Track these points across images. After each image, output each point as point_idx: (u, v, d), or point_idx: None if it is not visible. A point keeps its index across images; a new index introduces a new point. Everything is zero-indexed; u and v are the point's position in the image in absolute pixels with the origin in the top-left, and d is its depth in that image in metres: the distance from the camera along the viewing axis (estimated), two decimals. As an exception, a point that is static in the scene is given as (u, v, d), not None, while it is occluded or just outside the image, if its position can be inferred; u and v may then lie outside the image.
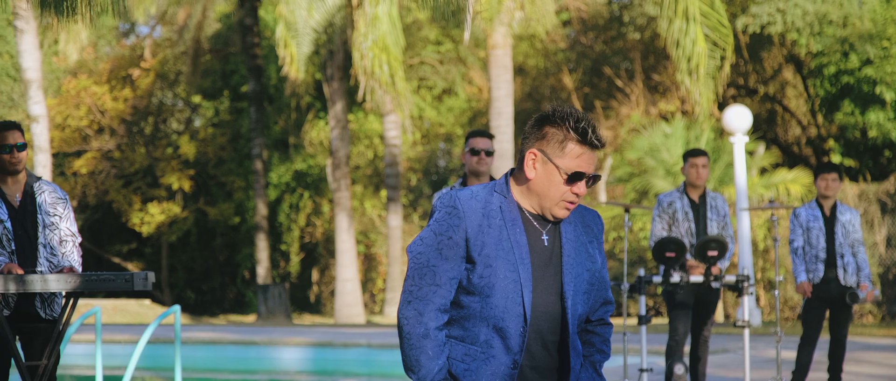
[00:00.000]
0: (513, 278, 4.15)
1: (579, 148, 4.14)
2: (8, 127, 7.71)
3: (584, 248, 4.29)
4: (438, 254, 4.18)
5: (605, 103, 30.14)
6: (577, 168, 4.14)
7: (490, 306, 4.16)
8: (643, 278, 10.26)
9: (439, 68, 33.33)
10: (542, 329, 4.21)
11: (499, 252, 4.15)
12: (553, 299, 4.22)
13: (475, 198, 4.21)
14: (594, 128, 4.16)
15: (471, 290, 4.19)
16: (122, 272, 7.35)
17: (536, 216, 4.24)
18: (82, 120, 34.06)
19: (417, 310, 4.19)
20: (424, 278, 4.19)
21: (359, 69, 22.76)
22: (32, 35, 25.70)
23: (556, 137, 4.16)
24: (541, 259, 4.21)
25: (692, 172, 10.59)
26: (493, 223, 4.18)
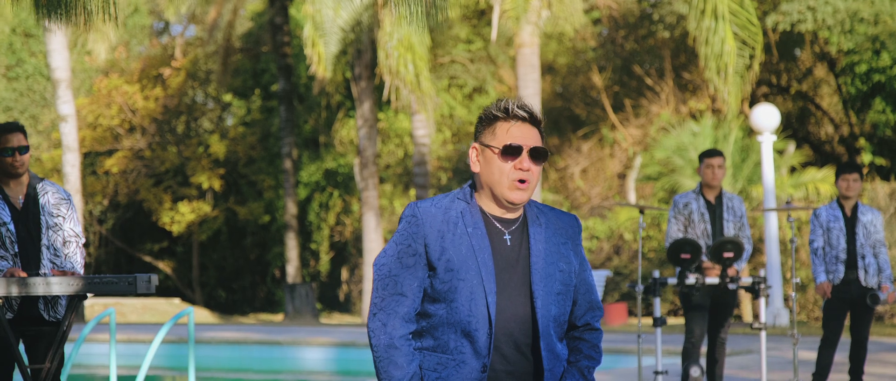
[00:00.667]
0: (476, 280, 4.13)
1: (506, 123, 4.17)
2: (9, 130, 7.66)
3: (555, 249, 4.24)
4: (400, 264, 4.19)
5: (634, 102, 29.99)
6: (508, 141, 4.15)
7: (455, 311, 4.13)
8: (658, 279, 10.18)
9: (470, 67, 33.24)
10: (513, 332, 4.16)
11: (461, 256, 4.14)
12: (522, 301, 4.17)
13: (435, 206, 4.22)
14: (519, 103, 4.21)
15: (436, 297, 4.17)
16: (124, 275, 7.33)
17: (499, 219, 4.22)
18: (113, 119, 34.19)
19: (382, 321, 4.19)
20: (387, 288, 4.20)
21: (384, 68, 22.73)
22: (61, 34, 25.82)
23: (488, 124, 4.22)
24: (506, 261, 4.18)
25: (708, 172, 10.50)
26: (455, 230, 4.17)
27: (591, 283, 4.39)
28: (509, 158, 4.16)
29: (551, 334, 4.21)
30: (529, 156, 4.17)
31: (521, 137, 4.17)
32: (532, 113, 4.21)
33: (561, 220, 4.32)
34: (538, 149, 4.19)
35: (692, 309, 10.39)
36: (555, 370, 4.23)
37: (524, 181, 4.16)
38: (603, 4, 30.50)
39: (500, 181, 4.16)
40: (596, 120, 30.46)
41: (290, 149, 30.82)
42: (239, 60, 35.24)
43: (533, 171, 4.17)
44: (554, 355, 4.23)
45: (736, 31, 22.60)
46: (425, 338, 4.22)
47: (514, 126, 4.18)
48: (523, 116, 4.19)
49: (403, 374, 4.15)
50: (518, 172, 4.15)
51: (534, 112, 4.22)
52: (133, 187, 34.32)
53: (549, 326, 4.19)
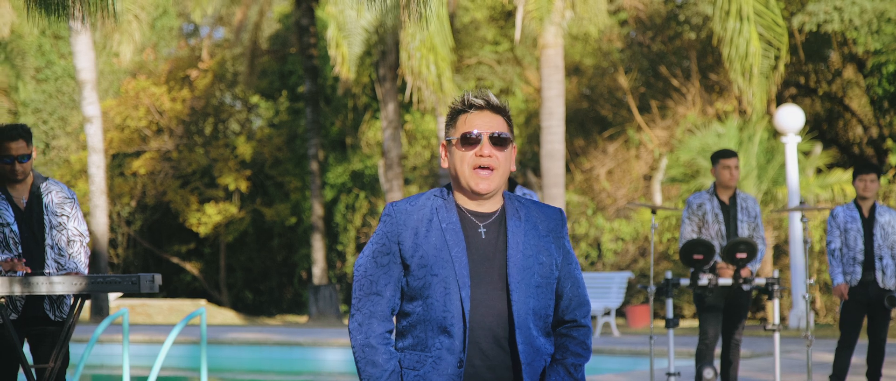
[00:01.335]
0: (449, 275, 4.12)
1: (463, 115, 4.21)
2: (12, 136, 7.60)
3: (534, 242, 4.22)
4: (375, 264, 4.21)
5: (660, 103, 29.86)
6: (465, 130, 4.18)
7: (431, 308, 4.13)
8: (670, 280, 10.12)
9: (497, 68, 33.19)
10: (491, 326, 4.15)
11: (434, 252, 4.14)
12: (498, 294, 4.16)
13: (411, 204, 4.24)
14: (476, 93, 4.23)
15: (412, 295, 4.18)
16: (128, 275, 7.32)
17: (474, 213, 4.22)
18: (141, 121, 34.31)
19: (359, 322, 4.21)
20: (363, 289, 4.22)
21: (406, 69, 22.73)
22: (87, 36, 25.93)
23: (451, 120, 4.27)
24: (481, 254, 4.17)
25: (724, 173, 10.43)
26: (430, 226, 4.18)
27: (578, 277, 4.35)
28: (469, 146, 4.17)
29: (530, 327, 4.17)
30: (490, 142, 4.17)
31: (481, 125, 4.18)
32: (489, 101, 4.22)
33: (543, 213, 4.30)
34: (498, 135, 4.18)
35: (706, 310, 10.33)
36: (534, 365, 4.20)
37: (488, 168, 4.16)
38: (629, 6, 30.40)
39: (463, 171, 4.18)
40: (622, 121, 30.36)
41: (317, 150, 30.84)
42: (266, 62, 35.31)
43: (496, 157, 4.18)
44: (533, 348, 4.19)
45: (761, 32, 22.51)
46: (406, 337, 4.22)
47: (471, 116, 4.20)
48: (480, 105, 4.21)
49: (381, 372, 4.15)
50: (479, 159, 4.16)
51: (491, 100, 4.22)
52: (160, 189, 34.42)
53: (527, 319, 4.16)
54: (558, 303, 4.31)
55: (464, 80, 32.66)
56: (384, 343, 4.18)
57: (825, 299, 24.76)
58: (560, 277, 4.29)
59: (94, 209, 25.89)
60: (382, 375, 4.15)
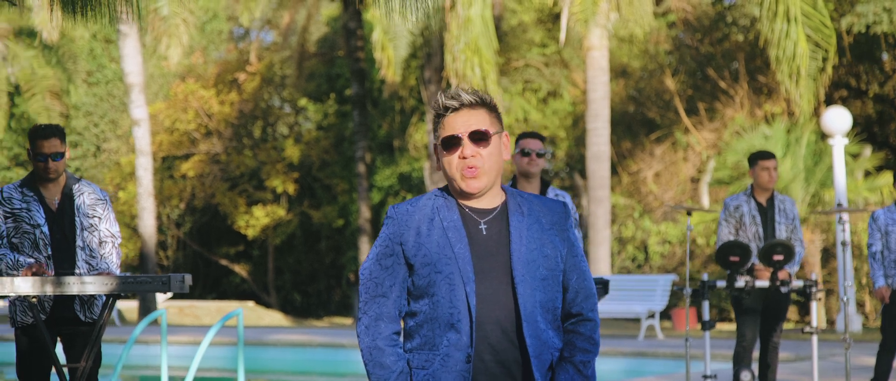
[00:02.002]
0: (454, 272, 4.13)
1: (444, 119, 4.20)
2: (46, 135, 7.67)
3: (538, 235, 4.22)
4: (379, 266, 4.22)
5: (708, 105, 29.68)
6: (444, 134, 4.18)
7: (437, 305, 4.14)
8: (706, 282, 10.06)
9: (544, 71, 33.12)
10: (499, 320, 4.15)
11: (437, 250, 4.15)
12: (504, 288, 4.16)
13: (412, 205, 4.25)
14: (451, 92, 4.23)
15: (418, 294, 4.19)
16: (159, 275, 7.34)
17: (475, 209, 4.23)
18: (190, 123, 34.51)
19: (365, 324, 4.23)
20: (369, 291, 4.24)
21: (450, 71, 22.74)
22: (134, 39, 26.11)
23: (435, 125, 4.27)
24: (483, 250, 4.18)
25: (763, 175, 10.33)
26: (432, 225, 4.19)
27: (584, 270, 4.34)
28: (451, 150, 4.18)
29: (537, 320, 4.17)
30: (471, 141, 4.16)
31: (458, 125, 4.17)
32: (462, 98, 4.20)
33: (546, 206, 4.31)
34: (477, 132, 4.17)
35: (743, 313, 10.25)
36: (542, 358, 4.19)
37: (474, 167, 4.16)
38: (677, 7, 30.25)
39: (452, 174, 4.20)
40: (669, 124, 30.21)
41: (364, 153, 30.90)
42: (314, 65, 35.42)
43: (479, 155, 4.17)
44: (541, 342, 4.18)
45: (809, 34, 22.33)
46: (413, 338, 4.23)
47: (449, 118, 4.20)
48: (455, 106, 4.19)
49: (389, 374, 4.16)
50: (462, 160, 4.16)
51: (464, 97, 4.20)
52: (209, 191, 34.60)
53: (534, 311, 4.16)
54: (564, 296, 4.30)
55: (511, 82, 32.61)
56: (392, 345, 4.19)
57: (875, 302, 24.54)
58: (565, 269, 4.29)
59: (141, 212, 26.05)
60: (390, 376, 4.16)
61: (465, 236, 4.16)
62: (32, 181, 7.70)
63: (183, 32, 26.05)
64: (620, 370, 16.35)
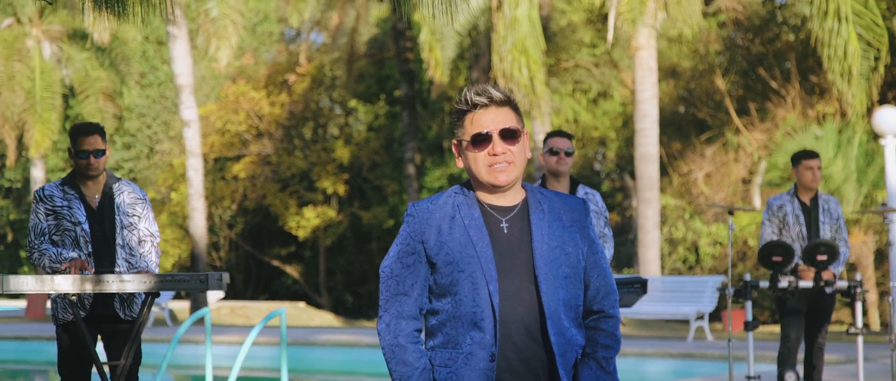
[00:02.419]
0: (476, 270, 4.13)
1: (470, 114, 4.20)
2: (87, 132, 7.75)
3: (559, 232, 4.22)
4: (401, 264, 4.23)
5: (759, 105, 29.47)
6: (474, 131, 4.18)
7: (460, 304, 4.14)
8: (748, 282, 9.99)
9: (594, 71, 33.04)
10: (522, 318, 4.15)
11: (459, 248, 4.15)
12: (527, 286, 4.16)
13: (433, 202, 4.25)
14: (477, 88, 4.21)
15: (440, 292, 4.19)
16: (196, 273, 7.38)
17: (495, 207, 4.23)
18: (241, 125, 34.69)
19: (387, 322, 4.24)
20: (390, 289, 4.25)
21: (497, 72, 22.72)
22: (184, 41, 26.27)
23: (458, 119, 4.26)
24: (506, 248, 4.18)
25: (807, 174, 10.25)
26: (452, 223, 4.19)
27: (605, 267, 4.35)
28: (481, 147, 4.17)
29: (561, 317, 4.17)
30: (501, 138, 4.16)
31: (488, 123, 4.17)
32: (492, 96, 4.20)
33: (566, 203, 4.31)
34: (508, 129, 4.18)
35: (787, 313, 10.17)
36: (567, 355, 4.20)
37: (504, 163, 4.16)
38: (728, 7, 30.07)
39: (478, 170, 4.19)
40: (720, 124, 30.03)
41: (413, 154, 30.94)
42: (364, 66, 35.50)
43: (510, 151, 4.18)
44: (565, 340, 4.19)
45: (860, 33, 22.14)
46: (436, 336, 4.23)
47: (478, 114, 4.20)
48: (485, 102, 4.19)
49: (412, 371, 4.17)
50: (492, 157, 4.16)
51: (494, 94, 4.21)
52: (260, 192, 34.77)
53: (558, 309, 4.16)
54: (585, 293, 4.30)
55: (561, 83, 32.55)
56: (413, 342, 4.20)
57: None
58: (586, 266, 4.29)
59: (192, 212, 26.21)
60: (413, 373, 4.16)
61: (486, 235, 4.16)
62: (73, 179, 7.77)
63: (232, 34, 26.18)
64: (668, 371, 16.28)
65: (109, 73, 33.39)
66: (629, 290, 8.08)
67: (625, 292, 8.06)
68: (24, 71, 32.49)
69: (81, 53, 33.06)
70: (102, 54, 33.03)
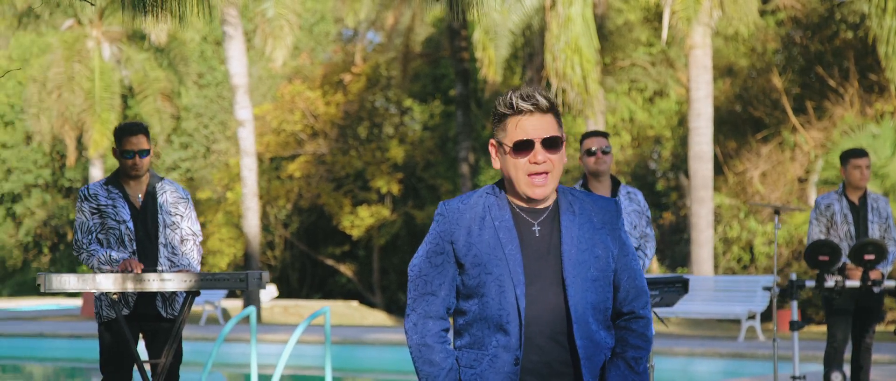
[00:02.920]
0: (504, 273, 4.10)
1: (514, 118, 4.12)
2: (133, 132, 7.81)
3: (589, 235, 4.18)
4: (429, 263, 4.21)
5: (816, 104, 29.22)
6: (517, 137, 4.11)
7: (487, 306, 4.12)
8: (794, 282, 9.91)
9: (651, 70, 32.88)
10: (549, 322, 4.13)
11: (488, 250, 4.12)
12: (555, 290, 4.13)
13: (463, 202, 4.21)
14: (523, 94, 4.13)
15: (468, 293, 4.17)
16: (237, 272, 7.42)
17: (526, 209, 4.19)
18: (296, 124, 34.83)
19: (414, 322, 4.23)
20: (418, 289, 4.23)
21: (550, 71, 22.66)
22: (240, 41, 26.40)
23: (498, 121, 4.18)
24: (535, 251, 4.14)
25: (855, 173, 10.14)
26: (483, 224, 4.15)
27: (635, 269, 4.31)
28: (522, 153, 4.12)
29: (589, 322, 4.15)
30: (543, 147, 4.12)
31: (532, 130, 4.12)
32: (538, 103, 4.14)
33: (597, 205, 4.27)
34: (551, 138, 4.13)
35: (834, 313, 10.07)
36: (594, 359, 4.18)
37: (543, 174, 4.12)
38: (787, 5, 29.82)
39: (517, 178, 4.14)
40: (777, 123, 29.79)
41: (467, 153, 30.93)
42: (419, 66, 35.54)
43: (550, 160, 4.13)
44: (593, 343, 4.17)
45: (918, 29, 21.91)
46: (463, 336, 4.23)
47: (522, 120, 4.13)
48: (529, 109, 4.13)
49: (438, 371, 4.17)
50: (533, 166, 4.11)
51: (540, 101, 4.15)
52: (314, 192, 34.90)
53: (586, 314, 4.14)
54: (615, 295, 4.27)
55: (617, 82, 32.41)
56: (440, 342, 4.19)
57: None
58: (617, 268, 4.25)
59: (246, 212, 26.34)
60: (440, 373, 4.16)
61: (516, 237, 4.13)
62: (117, 179, 7.84)
63: (287, 34, 26.28)
64: (717, 371, 16.18)
65: (168, 73, 33.66)
66: (670, 289, 8.03)
67: (666, 291, 8.01)
68: (83, 72, 32.79)
69: (140, 54, 33.35)
70: (161, 55, 33.29)
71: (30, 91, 33.84)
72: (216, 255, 34.56)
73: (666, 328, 20.60)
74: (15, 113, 41.24)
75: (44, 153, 41.00)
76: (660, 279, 7.97)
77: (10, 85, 42.02)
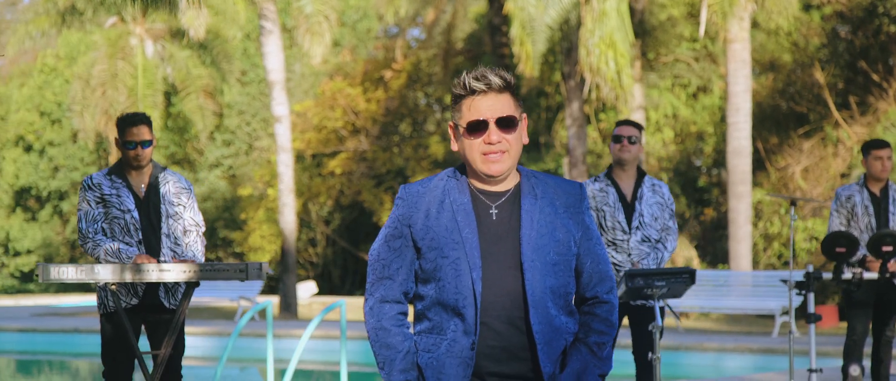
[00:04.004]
0: (460, 257, 4.05)
1: (469, 99, 4.10)
2: (134, 122, 7.81)
3: (550, 219, 4.13)
4: (387, 247, 4.18)
5: (860, 99, 28.90)
6: (471, 118, 4.08)
7: (444, 290, 4.08)
8: (812, 274, 9.77)
9: (694, 66, 32.65)
10: (505, 306, 4.08)
11: (445, 234, 4.08)
12: (512, 274, 4.08)
13: (423, 186, 4.19)
14: (477, 73, 4.09)
15: (425, 278, 4.14)
16: (237, 263, 7.40)
17: (486, 192, 4.14)
18: (337, 121, 34.87)
19: (371, 306, 4.21)
20: (376, 272, 4.21)
21: (584, 65, 22.52)
22: (277, 36, 26.42)
23: (455, 103, 4.16)
24: (492, 234, 4.09)
25: (876, 164, 10.00)
26: (442, 207, 4.12)
27: (600, 253, 4.25)
28: (477, 134, 4.09)
29: (548, 306, 4.10)
30: (497, 126, 4.07)
31: (486, 110, 4.08)
32: (491, 82, 4.09)
33: (560, 188, 4.22)
34: (506, 118, 4.08)
35: (854, 306, 9.95)
36: (553, 344, 4.12)
37: (499, 152, 4.06)
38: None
39: (473, 157, 4.11)
40: (819, 118, 29.50)
41: (508, 149, 30.77)
42: (460, 62, 35.48)
43: (506, 140, 4.09)
44: (552, 328, 4.11)
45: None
46: (422, 321, 4.20)
47: (476, 100, 4.10)
48: (483, 88, 4.09)
49: (395, 354, 4.14)
50: (487, 146, 4.07)
51: (493, 80, 4.10)
52: (355, 188, 34.93)
53: (544, 298, 4.08)
54: (579, 280, 4.22)
55: (660, 77, 32.21)
56: (397, 325, 4.16)
57: None
58: (580, 253, 4.20)
59: (283, 208, 26.37)
60: (397, 356, 4.14)
61: (474, 220, 4.09)
62: (120, 169, 7.85)
63: (325, 30, 26.26)
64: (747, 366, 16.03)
65: (210, 70, 33.82)
66: (677, 280, 7.94)
67: (673, 281, 7.93)
68: (127, 69, 33.01)
69: (183, 51, 33.53)
70: (204, 52, 33.44)
71: (75, 89, 34.11)
72: (257, 252, 34.68)
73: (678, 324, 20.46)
74: (62, 111, 41.56)
75: (90, 151, 41.30)
76: (667, 271, 7.90)
77: (57, 83, 42.38)
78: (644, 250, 8.40)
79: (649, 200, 8.47)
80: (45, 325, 22.89)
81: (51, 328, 22.28)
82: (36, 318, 25.33)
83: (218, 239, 37.60)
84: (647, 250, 8.41)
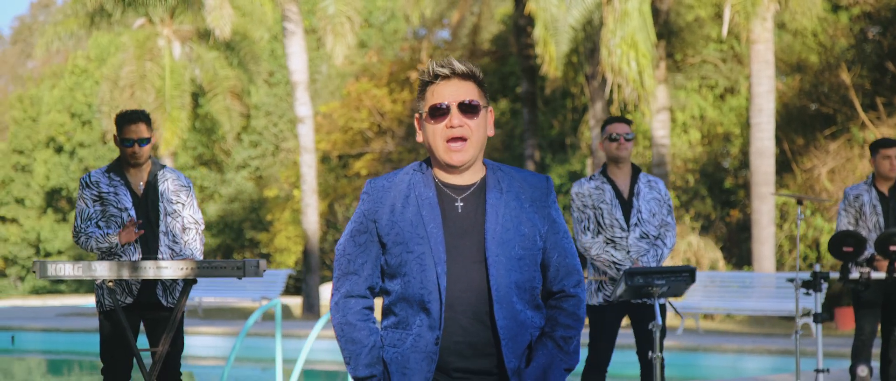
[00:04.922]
0: (425, 251, 4.03)
1: (431, 87, 4.10)
2: (132, 120, 7.83)
3: (516, 213, 4.10)
4: (353, 243, 4.16)
5: (887, 100, 28.71)
6: (431, 103, 4.06)
7: (409, 285, 4.06)
8: (818, 273, 9.72)
9: (721, 67, 32.52)
10: (470, 301, 4.05)
11: (410, 228, 4.05)
12: (477, 268, 4.05)
13: (389, 180, 4.16)
14: (441, 61, 4.10)
15: (391, 273, 4.13)
16: (233, 260, 7.39)
17: (451, 186, 4.11)
18: (363, 122, 34.90)
19: (336, 301, 4.19)
20: (341, 268, 4.18)
21: (606, 66, 22.44)
22: (300, 37, 26.47)
23: (420, 92, 4.15)
24: (457, 228, 4.07)
25: (884, 163, 9.94)
26: (407, 202, 4.09)
27: (566, 247, 4.21)
28: (438, 118, 4.06)
29: (512, 301, 4.07)
30: (460, 111, 4.04)
31: (448, 95, 4.06)
32: (454, 68, 4.08)
33: (527, 182, 4.18)
34: (468, 103, 4.05)
35: (862, 306, 9.90)
36: (518, 339, 4.09)
37: (460, 139, 4.04)
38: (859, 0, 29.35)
39: (436, 145, 4.08)
40: (845, 119, 29.31)
41: (533, 151, 30.77)
42: (485, 63, 35.46)
43: (467, 125, 4.06)
44: (517, 323, 4.08)
45: None
46: (389, 316, 4.18)
47: (439, 86, 4.08)
48: (446, 73, 4.08)
49: (361, 348, 4.12)
50: (449, 130, 4.04)
51: (456, 66, 4.09)
52: (380, 190, 34.95)
53: (509, 293, 4.05)
54: (546, 274, 4.19)
55: (687, 79, 32.09)
56: (362, 320, 4.14)
57: None
58: (546, 247, 4.16)
59: (305, 208, 26.42)
60: (362, 351, 4.12)
61: (439, 215, 4.06)
62: (118, 167, 7.86)
63: (348, 31, 26.30)
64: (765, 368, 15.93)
65: (238, 71, 33.90)
66: (678, 278, 7.91)
67: (673, 280, 7.89)
68: (155, 70, 33.12)
69: (210, 52, 33.62)
70: (231, 53, 33.52)
71: (103, 90, 34.26)
72: (283, 252, 34.78)
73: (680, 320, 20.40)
74: (92, 112, 41.79)
75: (119, 152, 41.53)
76: (667, 269, 7.87)
77: (87, 84, 42.62)
78: (643, 247, 8.37)
79: (646, 196, 8.46)
80: (68, 325, 23.00)
81: (73, 328, 22.38)
82: (60, 318, 25.46)
83: (245, 240, 37.72)
84: (646, 247, 8.38)
